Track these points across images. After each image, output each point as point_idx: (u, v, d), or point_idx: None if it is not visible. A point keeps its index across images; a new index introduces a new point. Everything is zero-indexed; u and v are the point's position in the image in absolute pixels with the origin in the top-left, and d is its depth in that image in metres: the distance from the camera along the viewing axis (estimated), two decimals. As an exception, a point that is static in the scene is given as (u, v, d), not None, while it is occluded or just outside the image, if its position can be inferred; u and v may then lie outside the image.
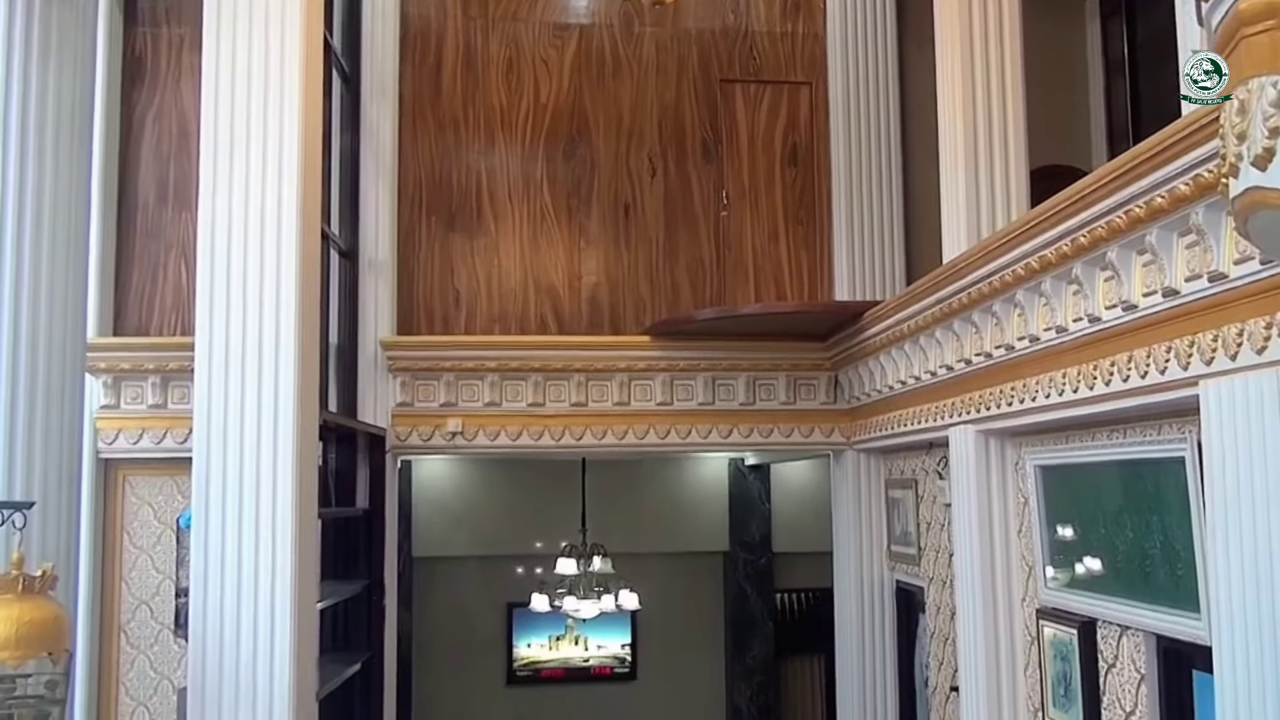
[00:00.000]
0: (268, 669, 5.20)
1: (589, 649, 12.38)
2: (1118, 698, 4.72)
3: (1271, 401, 3.34)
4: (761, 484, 12.13)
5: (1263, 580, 3.37)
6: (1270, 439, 3.33)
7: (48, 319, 5.35)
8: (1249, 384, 3.45)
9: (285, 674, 5.21)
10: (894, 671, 8.30)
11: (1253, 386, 3.43)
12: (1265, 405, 3.36)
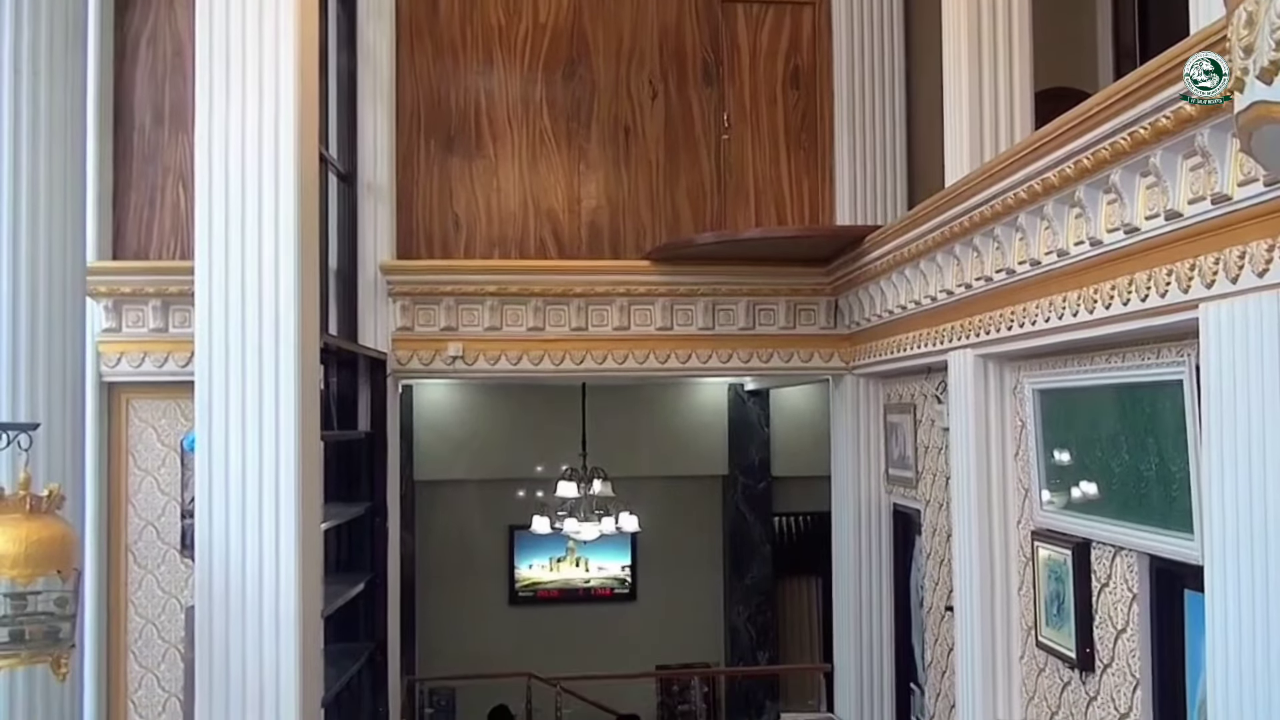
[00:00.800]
0: (273, 589, 5.27)
1: (589, 570, 12.55)
2: (1109, 616, 4.80)
3: (1271, 324, 3.35)
4: (761, 409, 12.19)
5: (1256, 501, 3.41)
6: (1269, 362, 3.34)
7: (47, 242, 5.33)
8: (1249, 306, 3.45)
9: (291, 593, 5.29)
10: (890, 592, 8.42)
11: (1253, 309, 3.43)
12: (1265, 328, 3.37)
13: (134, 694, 7.96)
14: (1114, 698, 4.74)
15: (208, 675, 5.26)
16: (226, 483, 5.23)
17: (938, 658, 7.27)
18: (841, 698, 8.91)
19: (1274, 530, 3.32)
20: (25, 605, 4.20)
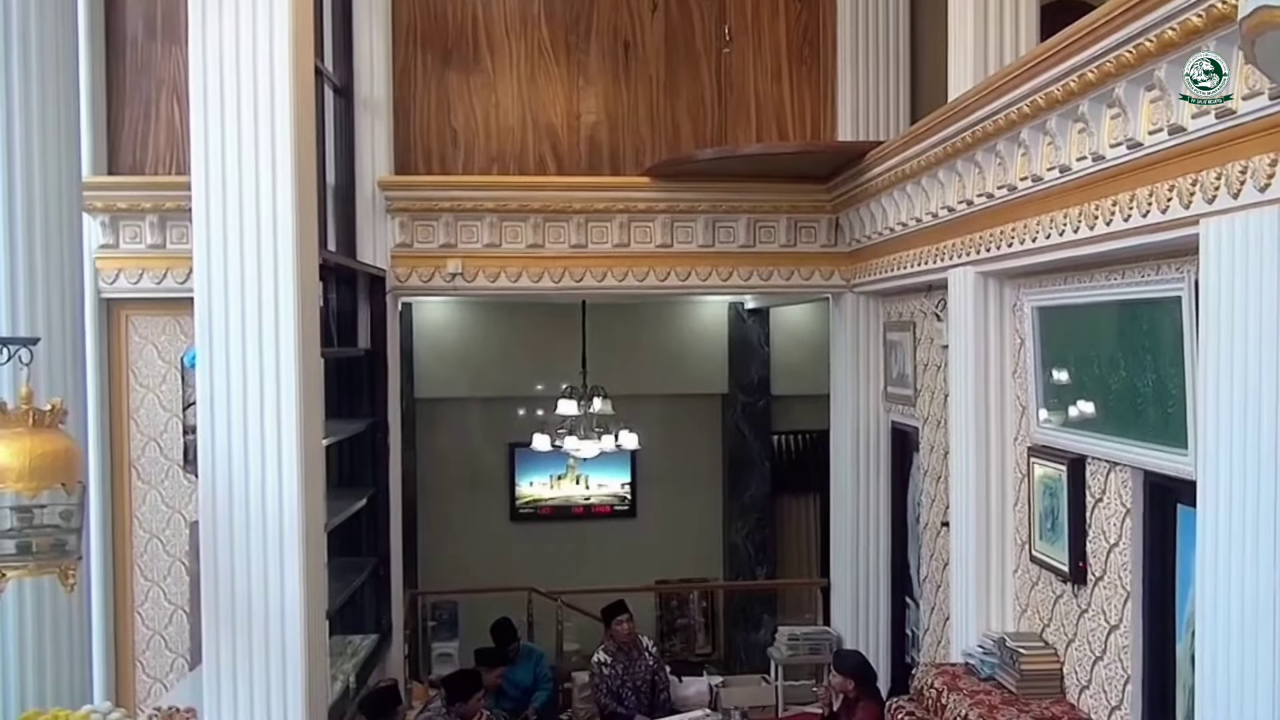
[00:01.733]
0: (277, 503, 5.32)
1: (589, 488, 12.64)
2: (1103, 531, 4.86)
3: (1271, 239, 3.33)
4: (760, 328, 12.18)
5: (1250, 416, 3.43)
6: (1268, 277, 3.34)
7: (41, 156, 5.29)
8: (1249, 221, 3.44)
9: (294, 508, 5.33)
10: (887, 509, 8.52)
11: (1253, 224, 3.42)
12: (1265, 243, 3.36)
13: (140, 607, 8.09)
14: (1105, 610, 4.82)
15: (213, 589, 5.34)
16: (228, 399, 5.24)
17: (933, 572, 7.37)
18: (838, 611, 9.06)
19: (1267, 445, 3.35)
20: (31, 518, 4.25)
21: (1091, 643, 4.93)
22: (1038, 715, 4.91)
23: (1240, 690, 3.45)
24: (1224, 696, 3.53)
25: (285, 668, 5.33)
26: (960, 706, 5.08)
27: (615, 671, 8.08)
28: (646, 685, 8.12)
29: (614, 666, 8.10)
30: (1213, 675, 3.61)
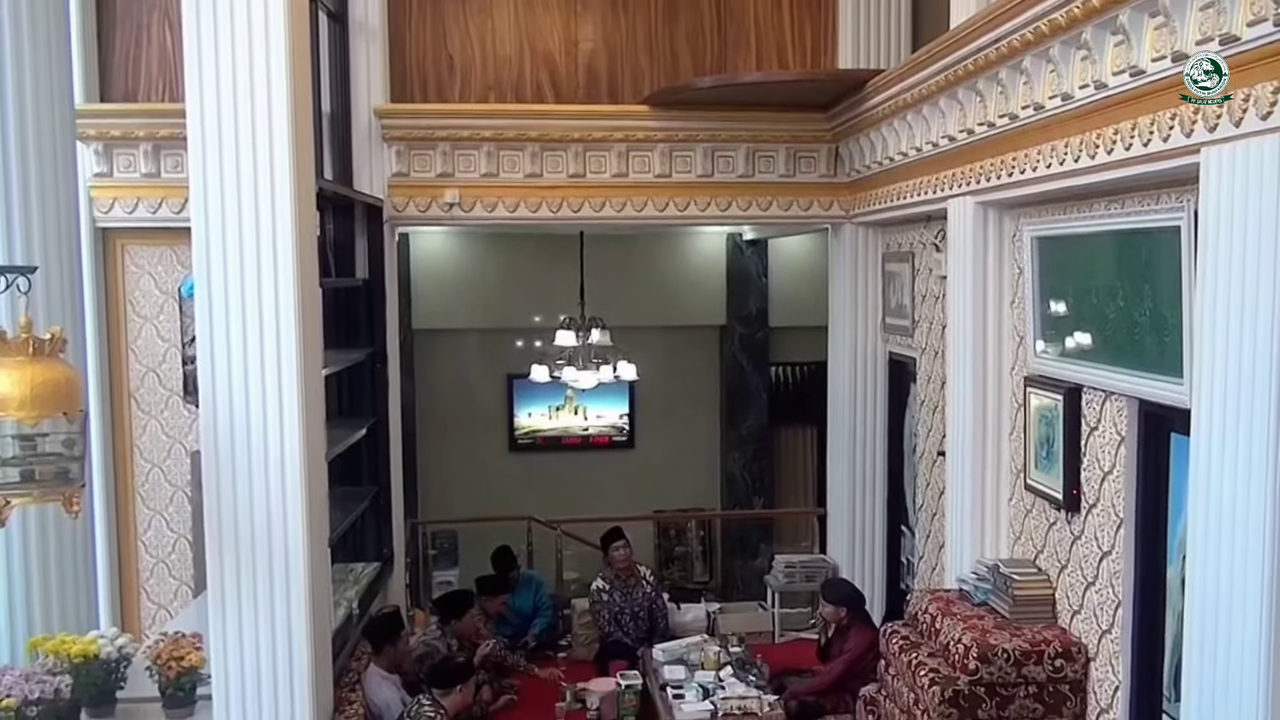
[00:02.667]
0: (278, 432, 5.34)
1: (588, 419, 12.70)
2: (1097, 459, 4.90)
3: (1272, 168, 3.32)
4: (759, 259, 12.16)
5: (1246, 345, 3.45)
6: (1267, 206, 3.34)
7: (34, 82, 5.25)
8: (1250, 150, 3.42)
9: (295, 437, 5.36)
10: (884, 439, 8.57)
11: (1254, 152, 3.41)
12: (1265, 171, 3.35)
13: (143, 535, 8.17)
14: (1098, 537, 4.88)
15: (216, 518, 5.39)
16: (228, 329, 5.24)
17: (928, 501, 7.44)
18: (834, 540, 9.16)
19: (1261, 374, 3.37)
20: (34, 446, 4.27)
21: (1084, 568, 5.00)
22: (1030, 639, 4.99)
23: (1229, 613, 3.51)
24: (1213, 620, 3.60)
25: (289, 594, 5.39)
26: (954, 630, 5.16)
27: (614, 599, 8.19)
28: (645, 612, 8.23)
29: (612, 594, 8.20)
30: (1202, 599, 3.67)
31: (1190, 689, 3.76)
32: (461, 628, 7.40)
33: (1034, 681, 4.92)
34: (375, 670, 6.34)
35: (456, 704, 5.88)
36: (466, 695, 5.99)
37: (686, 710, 6.52)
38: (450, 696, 5.86)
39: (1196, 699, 3.71)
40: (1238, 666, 3.46)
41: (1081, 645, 4.96)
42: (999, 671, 4.90)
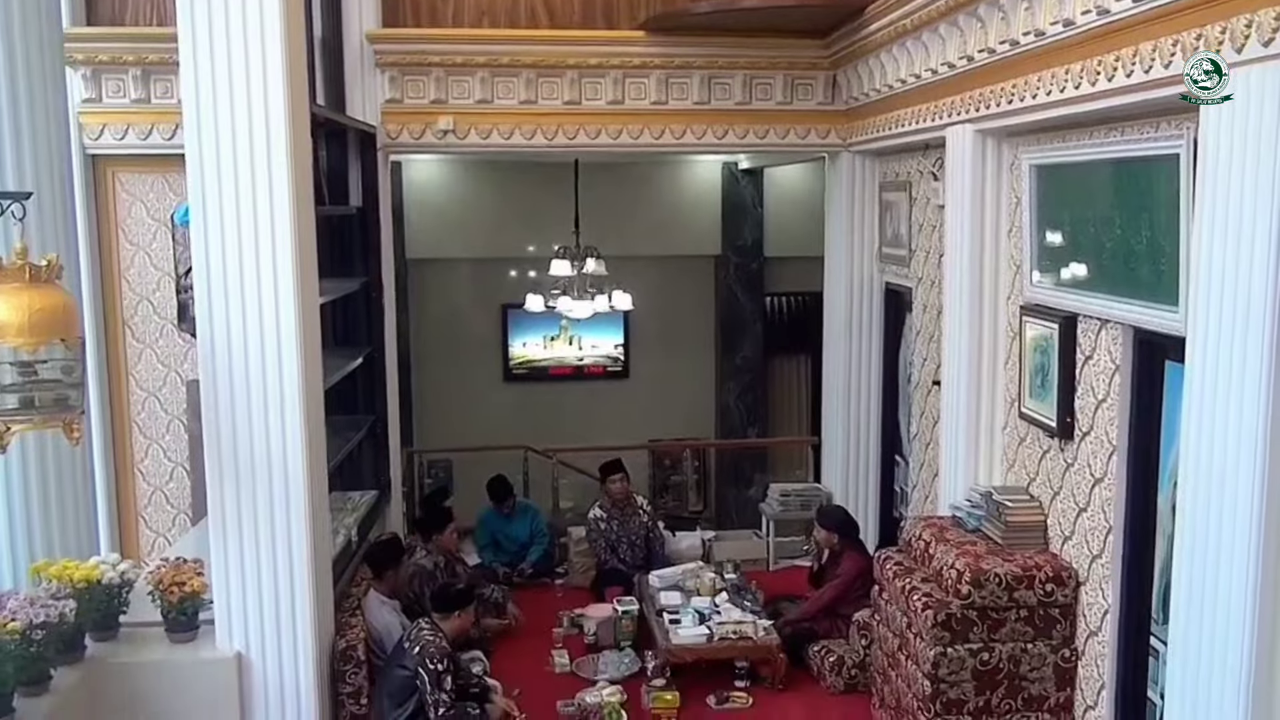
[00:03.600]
0: (276, 360, 5.35)
1: (583, 349, 12.71)
2: (1091, 387, 4.93)
3: (1273, 96, 3.30)
4: (754, 188, 12.09)
5: (1242, 273, 3.46)
6: (1267, 133, 3.32)
7: (20, 4, 5.17)
8: (1251, 77, 3.40)
9: (293, 365, 5.37)
10: (879, 368, 8.61)
11: (1255, 80, 3.38)
12: (1266, 100, 3.33)
13: (140, 464, 8.21)
14: (1090, 464, 4.93)
15: (216, 446, 5.41)
16: (224, 256, 5.23)
17: (923, 430, 7.49)
18: (828, 469, 9.23)
19: (1257, 301, 3.39)
20: (33, 373, 4.27)
21: (1076, 495, 5.05)
22: (1022, 564, 5.06)
23: (1218, 538, 3.56)
24: (1202, 543, 3.65)
25: (289, 521, 5.45)
26: (947, 556, 5.23)
27: (611, 527, 8.27)
28: (641, 540, 8.32)
29: (609, 522, 8.28)
30: (1192, 523, 3.72)
31: (1179, 611, 3.82)
32: (444, 542, 7.50)
33: (1025, 605, 5.00)
34: (375, 595, 6.42)
35: (455, 628, 5.96)
36: (465, 620, 6.07)
37: (683, 635, 6.62)
38: (449, 621, 5.94)
39: (1184, 621, 3.78)
40: (1225, 589, 3.52)
41: (1072, 570, 5.04)
42: (990, 596, 4.98)
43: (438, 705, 5.63)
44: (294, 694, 5.59)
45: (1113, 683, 4.78)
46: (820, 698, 6.50)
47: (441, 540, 7.50)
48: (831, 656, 6.54)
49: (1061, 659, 5.04)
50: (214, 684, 5.47)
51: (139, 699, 5.34)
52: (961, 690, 5.01)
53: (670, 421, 12.33)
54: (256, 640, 5.53)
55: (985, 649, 5.00)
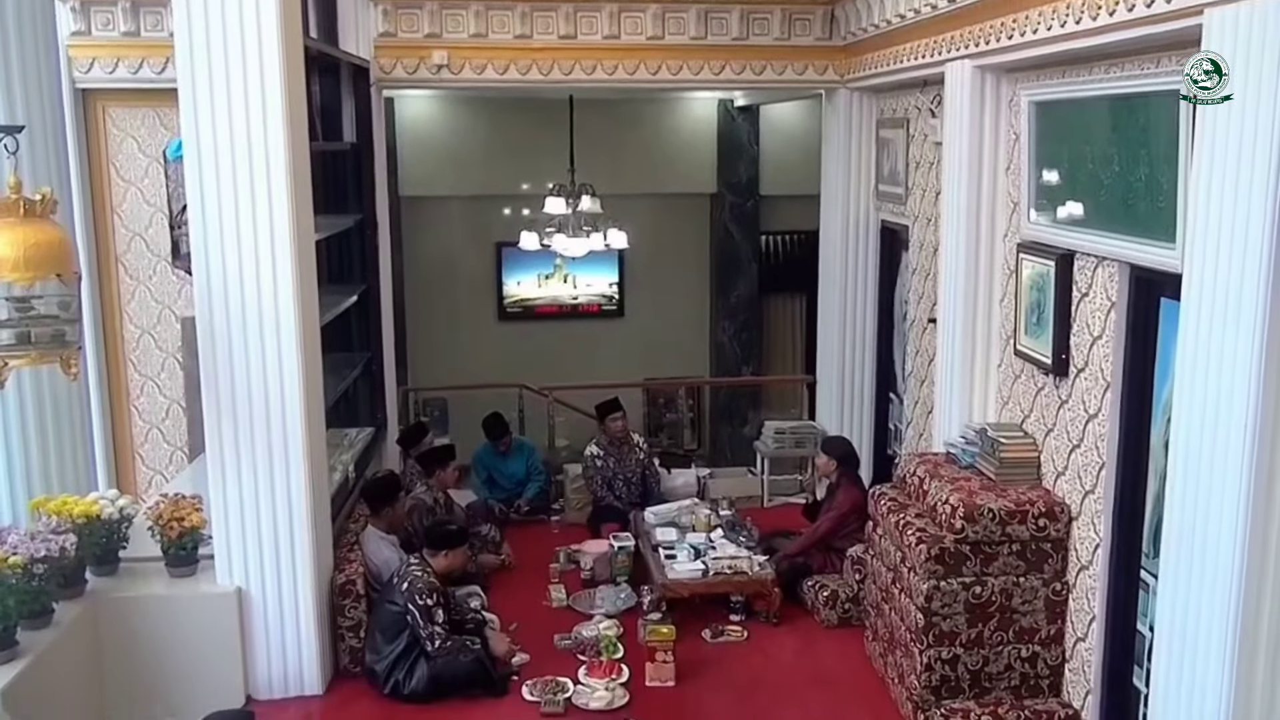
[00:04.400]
0: (272, 297, 5.35)
1: (577, 287, 12.69)
2: (1087, 324, 4.95)
3: (1275, 31, 3.28)
4: (750, 126, 12.01)
5: (1240, 209, 3.45)
6: (1268, 70, 3.30)
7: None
8: (1254, 12, 3.37)
9: (289, 301, 5.37)
10: (874, 307, 8.61)
11: (1258, 15, 3.35)
12: (1268, 35, 3.30)
13: (136, 401, 8.22)
14: (1084, 400, 4.96)
15: (213, 383, 5.43)
16: (218, 192, 5.20)
17: (918, 368, 7.52)
18: (823, 407, 9.27)
19: (1254, 238, 3.39)
20: (29, 309, 4.28)
21: (1070, 432, 5.09)
22: (1015, 499, 5.11)
23: (1210, 473, 3.60)
24: (1194, 478, 3.69)
25: (288, 457, 5.48)
26: (941, 492, 5.27)
27: (607, 464, 8.31)
28: (637, 478, 8.37)
29: (606, 460, 8.32)
30: (1185, 459, 3.76)
31: (1170, 545, 3.87)
32: (443, 479, 7.55)
33: (1017, 540, 5.06)
34: (374, 531, 6.47)
35: (443, 567, 6.01)
36: (454, 560, 6.12)
37: (678, 570, 6.69)
38: (438, 559, 5.99)
39: (1175, 555, 3.82)
40: (1216, 523, 3.56)
41: (1064, 505, 5.09)
42: (984, 530, 5.03)
43: (432, 638, 5.71)
44: (294, 628, 5.67)
45: (1103, 615, 4.85)
46: (814, 631, 6.59)
47: (443, 477, 7.54)
48: (825, 591, 6.62)
49: (1053, 592, 5.11)
50: (215, 618, 5.54)
51: (141, 632, 5.42)
52: (954, 623, 5.09)
53: (665, 360, 12.35)
54: (256, 575, 5.59)
55: (978, 582, 5.07)
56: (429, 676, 5.70)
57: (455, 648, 5.78)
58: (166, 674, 5.43)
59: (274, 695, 5.67)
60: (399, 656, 5.74)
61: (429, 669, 5.71)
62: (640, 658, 5.99)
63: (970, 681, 5.15)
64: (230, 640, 5.57)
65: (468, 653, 5.80)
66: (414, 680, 5.71)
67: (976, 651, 5.12)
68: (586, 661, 6.02)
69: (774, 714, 5.62)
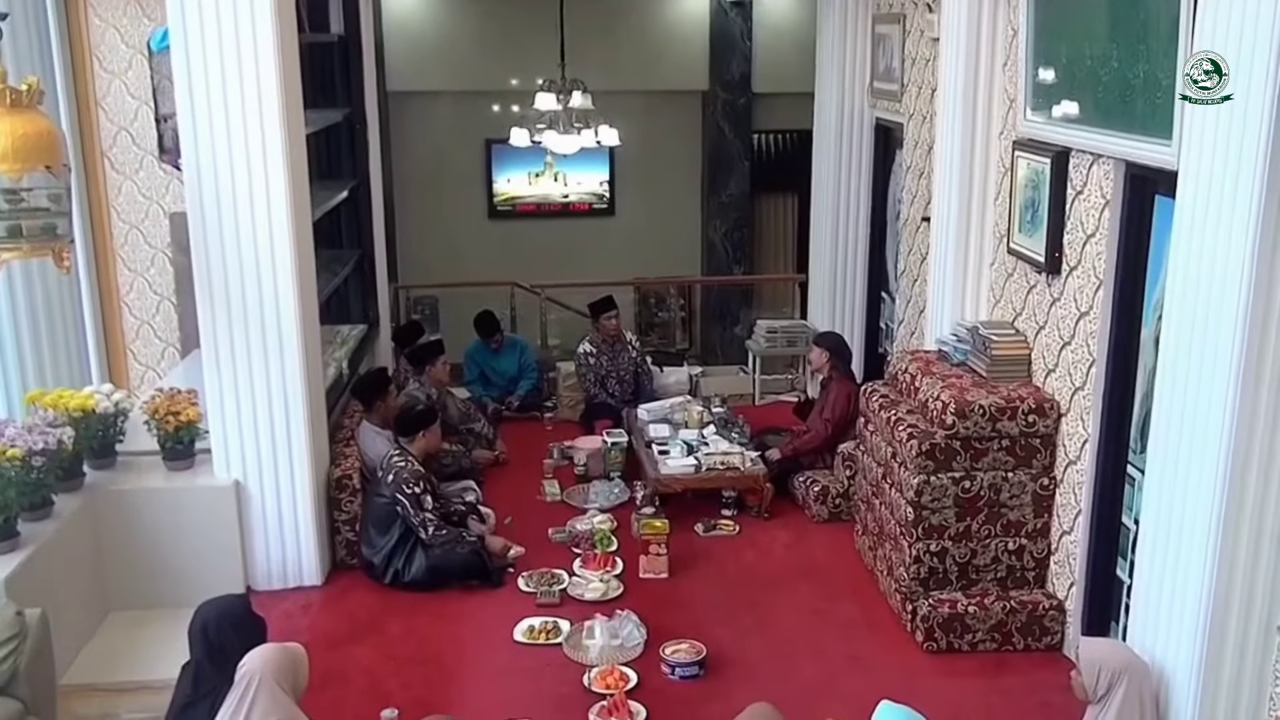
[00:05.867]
0: (264, 192, 5.32)
1: (568, 185, 12.59)
2: (1081, 222, 4.95)
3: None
4: (743, 22, 11.81)
5: (1237, 105, 3.42)
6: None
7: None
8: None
9: (281, 196, 5.34)
10: (867, 206, 8.58)
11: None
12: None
13: (126, 297, 8.17)
14: (1076, 298, 4.98)
15: (206, 278, 5.41)
16: (206, 82, 5.13)
17: (910, 267, 7.53)
18: (815, 306, 9.30)
19: (1250, 134, 3.37)
20: (20, 201, 4.24)
21: (1061, 329, 5.12)
22: (1005, 396, 5.16)
23: (1200, 367, 3.63)
24: (1183, 373, 3.73)
25: (282, 350, 5.50)
26: (933, 389, 5.32)
27: (601, 362, 8.35)
28: (630, 375, 8.42)
29: (599, 358, 8.35)
30: (1175, 354, 3.79)
31: (1157, 440, 3.92)
32: (434, 374, 7.60)
33: (1007, 436, 5.12)
34: (368, 426, 6.52)
35: (422, 448, 6.10)
36: (432, 438, 6.19)
37: (671, 465, 6.77)
38: (416, 443, 6.07)
39: (1162, 450, 3.88)
40: (1204, 418, 3.61)
41: (1054, 402, 5.15)
42: (974, 426, 5.09)
43: (425, 525, 5.80)
44: (292, 520, 5.75)
45: (1089, 509, 4.94)
46: (805, 525, 6.70)
47: (433, 372, 7.59)
48: (816, 487, 6.72)
49: (1040, 487, 5.19)
50: (213, 510, 5.62)
51: (140, 524, 5.49)
52: (943, 516, 5.18)
53: (656, 259, 12.33)
54: (254, 468, 5.65)
55: (967, 477, 5.14)
56: (427, 566, 5.81)
57: (451, 537, 5.88)
58: (167, 566, 5.51)
59: (273, 586, 5.78)
60: (394, 548, 5.84)
61: (426, 559, 5.82)
62: (634, 551, 6.10)
63: (958, 573, 5.26)
64: (229, 532, 5.65)
65: (464, 544, 5.90)
66: (413, 569, 5.82)
67: (964, 544, 5.23)
68: (581, 554, 6.13)
69: (765, 605, 5.75)
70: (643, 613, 5.39)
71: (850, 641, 5.39)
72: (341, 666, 5.05)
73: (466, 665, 5.15)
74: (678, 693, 4.90)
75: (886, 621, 5.51)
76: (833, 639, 5.41)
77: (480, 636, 5.40)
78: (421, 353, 7.73)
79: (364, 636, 5.42)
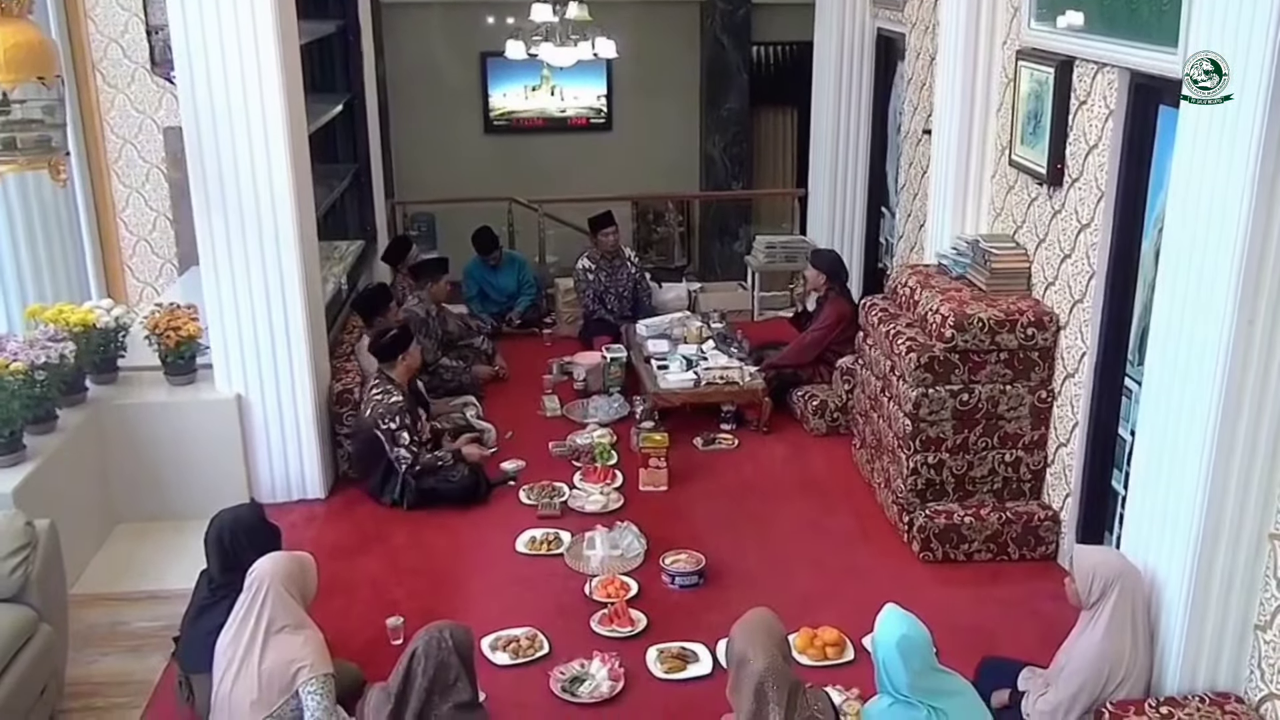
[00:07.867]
0: (259, 101, 5.26)
1: (564, 99, 12.44)
2: (1084, 133, 4.91)
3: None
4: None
5: (1245, 12, 3.37)
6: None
7: None
8: None
9: (277, 108, 5.29)
10: (868, 118, 8.50)
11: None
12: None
13: (122, 213, 8.12)
14: (1077, 210, 4.97)
15: (203, 192, 5.39)
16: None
17: (911, 180, 7.48)
18: (814, 221, 9.26)
19: (1257, 40, 3.32)
20: (11, 113, 4.20)
21: (1061, 242, 5.11)
22: (1004, 309, 5.17)
23: (1199, 280, 3.63)
24: (1183, 285, 3.72)
25: (281, 264, 5.49)
26: (932, 302, 5.33)
27: (599, 278, 8.33)
28: (629, 291, 8.40)
29: (598, 274, 8.34)
30: (1175, 266, 3.78)
31: (1155, 352, 3.93)
32: (435, 291, 7.58)
33: (1005, 349, 5.14)
34: (369, 340, 6.53)
35: (404, 371, 6.00)
36: (412, 359, 6.08)
37: (670, 380, 6.80)
38: (396, 368, 5.98)
39: (1160, 360, 3.90)
40: (1203, 329, 3.61)
41: (1053, 315, 5.16)
42: (973, 339, 5.10)
43: (399, 461, 5.80)
44: (294, 433, 5.80)
45: (1085, 421, 4.98)
46: (803, 439, 6.76)
47: (434, 289, 7.57)
48: (814, 400, 6.76)
49: (1038, 400, 5.22)
50: (216, 423, 5.66)
51: (143, 437, 5.54)
52: (941, 429, 5.22)
53: (654, 175, 12.22)
54: (255, 382, 5.68)
55: (965, 390, 5.17)
56: (417, 491, 5.83)
57: (425, 468, 5.85)
58: (171, 479, 5.58)
59: (277, 499, 5.84)
60: (385, 476, 5.86)
61: (418, 484, 5.83)
62: (633, 464, 6.16)
63: (955, 485, 5.32)
64: (232, 445, 5.70)
65: (454, 472, 5.91)
66: (407, 499, 5.85)
67: (961, 456, 5.28)
68: (581, 467, 6.19)
69: (764, 517, 5.83)
70: (642, 524, 5.47)
71: (847, 552, 5.47)
72: (348, 576, 5.13)
73: (470, 575, 5.23)
74: (677, 601, 4.99)
75: (883, 532, 5.59)
76: (830, 550, 5.49)
77: (483, 548, 5.48)
78: (424, 269, 7.70)
79: (369, 547, 5.50)
